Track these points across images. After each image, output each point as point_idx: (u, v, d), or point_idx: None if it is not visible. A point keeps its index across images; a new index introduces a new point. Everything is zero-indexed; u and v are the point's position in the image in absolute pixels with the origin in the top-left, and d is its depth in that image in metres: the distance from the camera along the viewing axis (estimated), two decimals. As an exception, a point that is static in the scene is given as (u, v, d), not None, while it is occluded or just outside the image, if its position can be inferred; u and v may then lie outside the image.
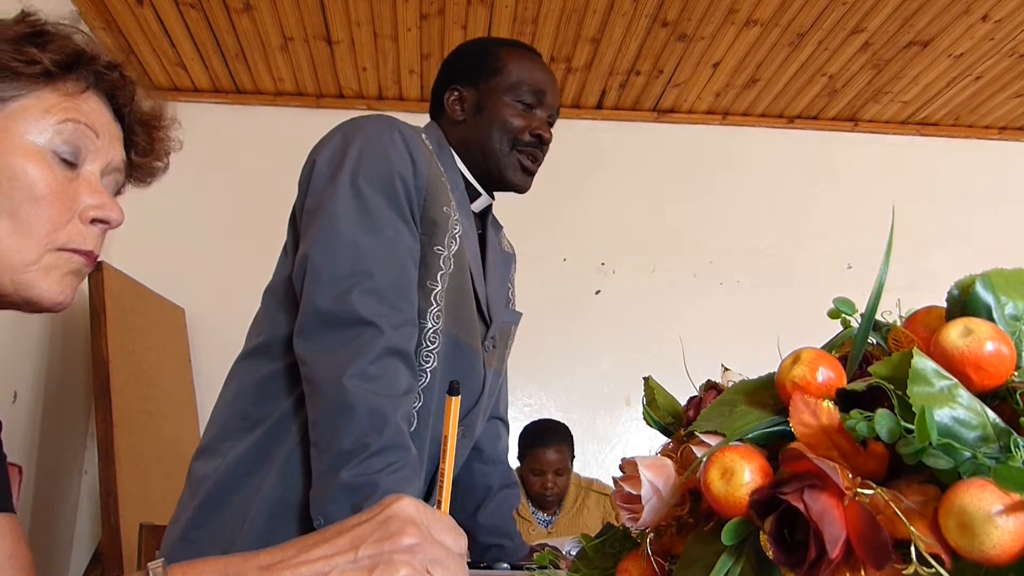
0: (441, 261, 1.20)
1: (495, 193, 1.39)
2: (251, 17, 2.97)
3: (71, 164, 0.72)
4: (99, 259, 0.78)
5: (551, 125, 1.36)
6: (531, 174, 1.33)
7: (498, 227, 1.46)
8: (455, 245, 1.22)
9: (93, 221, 0.73)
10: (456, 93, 1.33)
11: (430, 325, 1.18)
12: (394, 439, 1.04)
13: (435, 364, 1.19)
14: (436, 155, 1.27)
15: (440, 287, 1.20)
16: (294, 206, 1.24)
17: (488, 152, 1.30)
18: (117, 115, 0.79)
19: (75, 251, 0.72)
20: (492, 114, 1.30)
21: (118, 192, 0.81)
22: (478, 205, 1.35)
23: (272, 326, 1.20)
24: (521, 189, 1.35)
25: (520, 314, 1.45)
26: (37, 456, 2.69)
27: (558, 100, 1.36)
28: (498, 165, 1.30)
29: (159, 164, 0.87)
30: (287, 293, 1.19)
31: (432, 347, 1.19)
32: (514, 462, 2.87)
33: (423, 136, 1.28)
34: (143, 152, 0.83)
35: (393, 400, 1.07)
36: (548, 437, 2.80)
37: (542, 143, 1.32)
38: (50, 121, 0.71)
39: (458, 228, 1.22)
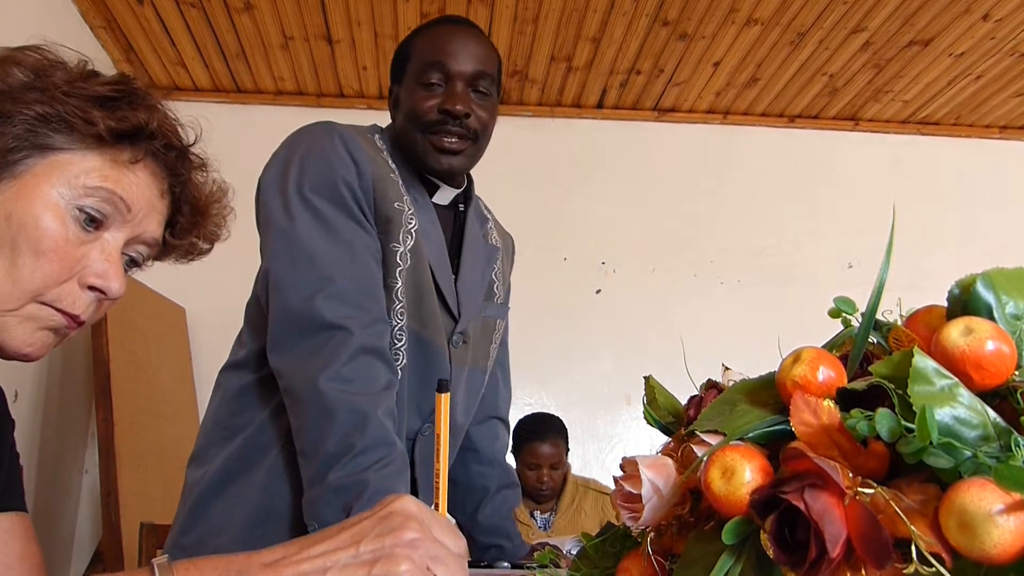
0: (398, 257, 1.19)
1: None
2: (251, 16, 2.97)
3: (92, 227, 0.71)
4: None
5: (482, 93, 1.24)
6: (452, 152, 1.22)
7: (483, 219, 1.43)
8: (411, 240, 1.21)
9: (91, 288, 0.72)
10: (392, 96, 1.32)
11: (395, 323, 1.19)
12: (378, 436, 1.04)
13: (404, 361, 1.19)
14: (388, 153, 1.27)
15: (400, 284, 1.19)
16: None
17: (408, 145, 1.26)
18: (171, 190, 0.78)
19: (60, 310, 0.71)
20: (404, 106, 1.26)
21: (138, 264, 0.79)
22: (444, 197, 1.32)
23: (250, 340, 1.22)
24: (447, 172, 1.25)
25: (506, 308, 1.42)
26: (38, 455, 2.69)
27: (471, 64, 1.22)
28: (415, 154, 1.25)
29: (202, 246, 0.86)
30: (258, 309, 1.21)
31: (399, 344, 1.19)
32: (511, 460, 2.87)
33: (375, 136, 1.28)
34: (180, 233, 0.82)
35: (372, 398, 1.06)
36: (542, 430, 2.77)
37: (452, 117, 1.21)
38: (84, 183, 0.70)
39: (413, 223, 1.21)
